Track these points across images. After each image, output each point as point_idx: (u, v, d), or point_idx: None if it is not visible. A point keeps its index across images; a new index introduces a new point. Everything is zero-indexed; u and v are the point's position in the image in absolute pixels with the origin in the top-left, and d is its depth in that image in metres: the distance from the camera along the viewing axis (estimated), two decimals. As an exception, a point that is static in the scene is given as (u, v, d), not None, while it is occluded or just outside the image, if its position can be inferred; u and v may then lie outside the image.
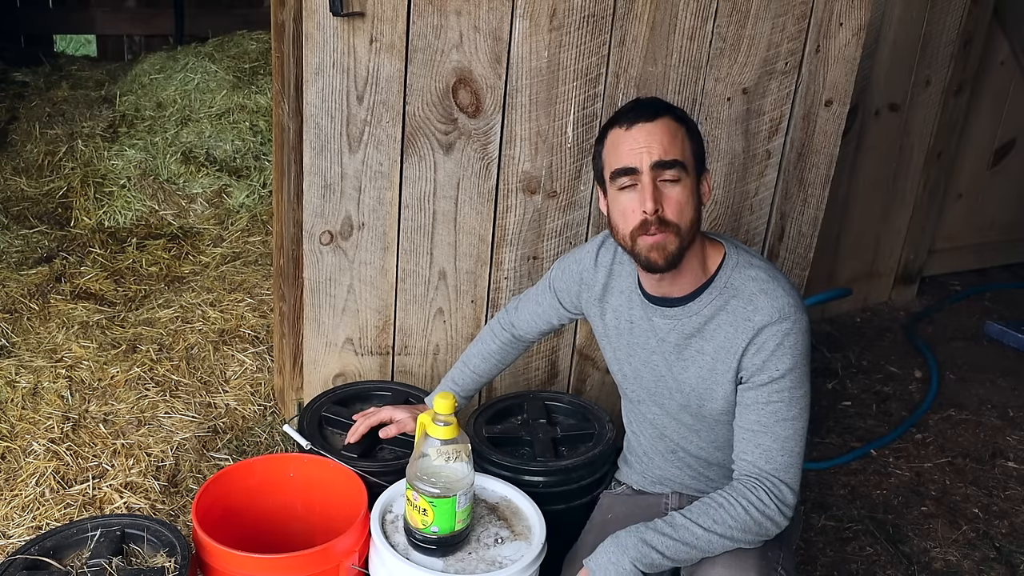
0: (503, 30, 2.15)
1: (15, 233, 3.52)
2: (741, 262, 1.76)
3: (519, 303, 2.12)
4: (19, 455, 2.36)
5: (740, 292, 1.72)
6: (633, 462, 2.03)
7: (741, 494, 1.65)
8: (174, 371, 2.71)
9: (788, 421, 1.68)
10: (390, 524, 1.82)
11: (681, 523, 1.64)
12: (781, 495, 1.66)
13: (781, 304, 1.69)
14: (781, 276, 1.76)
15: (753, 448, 1.69)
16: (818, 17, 2.40)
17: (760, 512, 1.64)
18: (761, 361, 1.69)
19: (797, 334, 1.69)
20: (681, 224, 1.67)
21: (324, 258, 2.25)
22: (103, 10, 5.72)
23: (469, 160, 2.25)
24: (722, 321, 1.73)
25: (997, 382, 3.55)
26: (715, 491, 1.69)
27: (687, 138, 1.70)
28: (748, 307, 1.71)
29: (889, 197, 3.85)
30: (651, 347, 1.83)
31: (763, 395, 1.69)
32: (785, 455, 1.68)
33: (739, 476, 1.70)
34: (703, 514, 1.64)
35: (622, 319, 1.88)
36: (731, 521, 1.63)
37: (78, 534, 1.75)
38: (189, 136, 4.03)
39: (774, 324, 1.68)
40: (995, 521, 2.77)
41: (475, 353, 2.13)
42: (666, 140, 1.67)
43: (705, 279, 1.76)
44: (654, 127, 1.67)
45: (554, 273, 2.04)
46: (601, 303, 1.92)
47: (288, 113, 2.24)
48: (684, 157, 1.68)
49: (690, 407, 1.83)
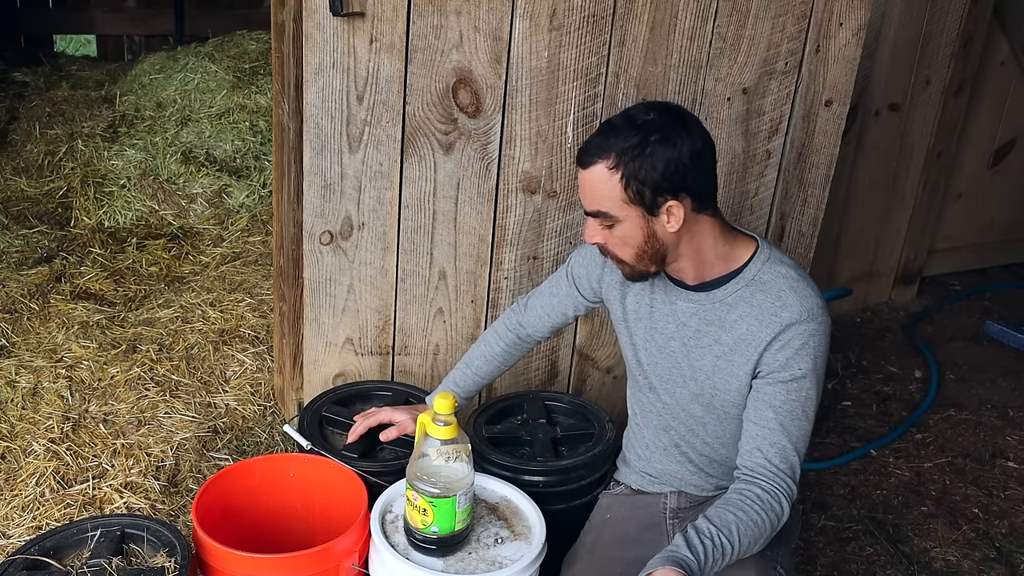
0: (503, 30, 2.15)
1: (15, 233, 3.52)
2: (773, 258, 1.76)
3: (528, 300, 2.11)
4: (19, 455, 2.36)
5: (769, 287, 1.73)
6: (632, 460, 2.03)
7: (771, 508, 1.64)
8: (174, 371, 2.71)
9: (802, 422, 1.69)
10: (390, 524, 1.82)
11: (729, 550, 1.59)
12: (792, 495, 1.68)
13: (810, 304, 1.70)
14: (809, 278, 1.76)
15: (769, 446, 1.68)
16: (818, 17, 2.40)
17: (778, 517, 1.66)
18: (785, 358, 1.69)
19: (821, 336, 1.70)
20: (625, 257, 1.73)
21: (324, 258, 2.25)
22: (103, 10, 5.72)
23: (469, 160, 2.25)
24: (745, 312, 1.73)
25: (997, 382, 3.55)
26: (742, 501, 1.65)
27: (619, 185, 1.65)
28: (776, 302, 1.71)
29: (889, 197, 3.85)
30: (670, 332, 1.83)
31: (782, 392, 1.69)
32: (796, 455, 1.69)
33: (755, 480, 1.68)
34: (743, 537, 1.60)
35: (643, 303, 1.88)
36: (762, 539, 1.64)
37: (78, 534, 1.75)
38: (189, 136, 4.03)
39: (802, 323, 1.68)
40: (995, 521, 2.77)
41: (478, 355, 2.13)
42: (590, 191, 1.69)
43: (732, 268, 1.76)
44: (585, 175, 1.69)
45: (573, 260, 2.03)
46: (623, 285, 1.91)
47: (288, 113, 2.24)
48: (611, 207, 1.67)
49: (703, 396, 1.82)
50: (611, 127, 1.69)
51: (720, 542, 1.58)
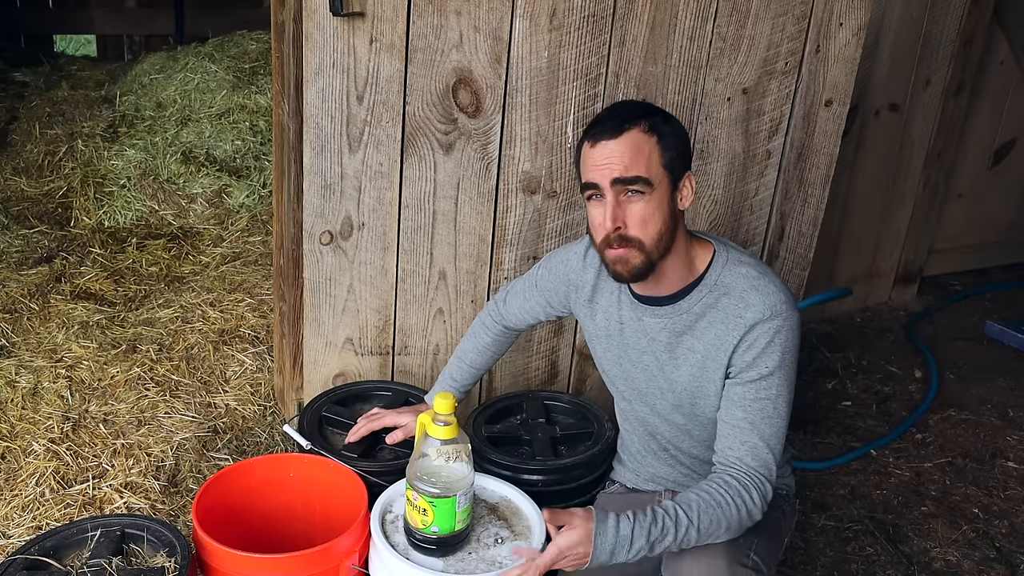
0: (503, 30, 2.15)
1: (15, 233, 3.52)
2: (731, 259, 1.76)
3: (507, 296, 2.11)
4: (19, 455, 2.36)
5: (731, 289, 1.73)
6: (627, 460, 2.04)
7: (737, 493, 1.65)
8: (174, 371, 2.71)
9: (773, 419, 1.69)
10: (390, 524, 1.82)
11: (684, 522, 1.61)
12: (766, 492, 1.68)
13: (773, 301, 1.69)
14: (771, 273, 1.76)
15: (740, 445, 1.69)
16: (818, 17, 2.40)
17: (748, 510, 1.65)
18: (751, 358, 1.69)
19: (788, 331, 1.69)
20: (645, 239, 1.68)
21: (324, 258, 2.25)
22: (103, 10, 5.72)
23: (469, 160, 2.25)
24: (713, 319, 1.73)
25: (997, 382, 3.55)
26: (708, 484, 1.67)
27: (658, 148, 1.67)
28: (740, 304, 1.71)
29: (889, 197, 3.85)
30: (642, 347, 1.84)
31: (751, 392, 1.69)
32: (769, 452, 1.69)
33: (726, 470, 1.69)
34: (703, 513, 1.62)
35: (612, 320, 1.88)
36: (725, 522, 1.63)
37: (78, 534, 1.75)
38: (189, 136, 4.03)
39: (765, 321, 1.68)
40: (995, 521, 2.77)
41: (470, 348, 2.14)
42: (628, 157, 1.66)
43: (694, 277, 1.77)
44: (616, 144, 1.66)
45: (540, 272, 2.03)
46: (591, 304, 1.92)
47: (288, 113, 2.24)
48: (650, 171, 1.66)
49: (682, 407, 1.83)
50: (623, 105, 1.76)
51: (674, 512, 1.60)
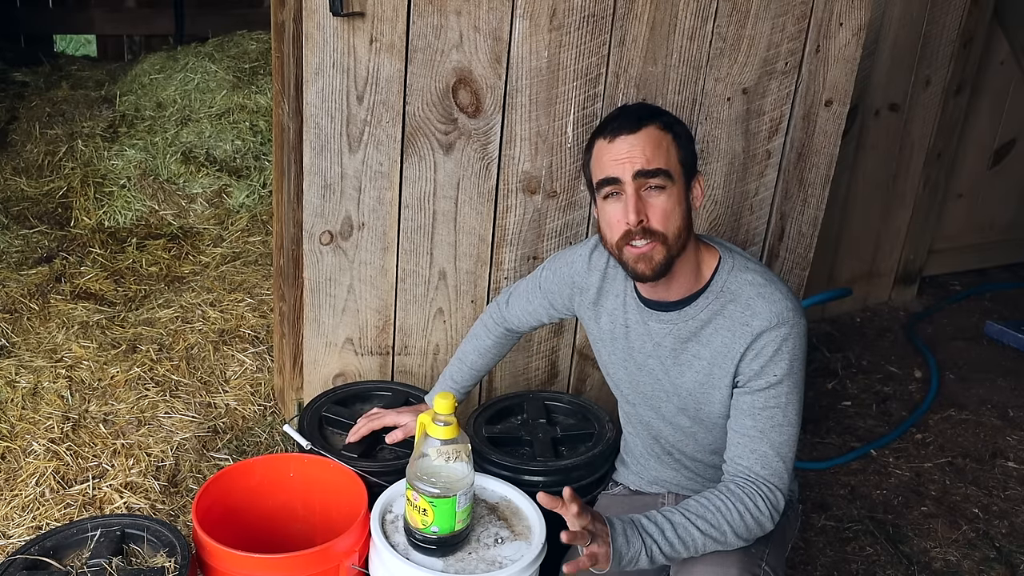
0: (503, 30, 2.15)
1: (15, 233, 3.52)
2: (737, 266, 1.75)
3: (510, 297, 2.11)
4: (19, 455, 2.36)
5: (737, 297, 1.72)
6: (630, 463, 2.04)
7: (740, 499, 1.64)
8: (174, 371, 2.71)
9: (784, 427, 1.68)
10: (390, 524, 1.82)
11: (682, 524, 1.61)
12: (776, 501, 1.66)
13: (779, 309, 1.69)
14: (778, 280, 1.75)
15: (749, 454, 1.68)
16: (818, 17, 2.40)
17: (754, 518, 1.64)
18: (759, 366, 1.68)
19: (795, 338, 1.68)
20: (667, 232, 1.67)
21: (324, 258, 2.25)
22: (103, 10, 5.72)
23: (469, 160, 2.25)
24: (719, 326, 1.73)
25: (997, 382, 3.55)
26: (712, 491, 1.67)
27: (674, 145, 1.69)
28: (746, 312, 1.70)
29: (889, 197, 3.85)
30: (647, 351, 1.83)
31: (760, 400, 1.68)
32: (780, 461, 1.67)
33: (733, 479, 1.68)
34: (703, 518, 1.62)
35: (617, 323, 1.87)
36: (727, 527, 1.62)
37: (78, 534, 1.75)
38: (189, 136, 4.03)
39: (772, 329, 1.67)
40: (995, 521, 2.77)
41: (471, 349, 2.14)
42: (649, 150, 1.66)
43: (700, 284, 1.76)
44: (636, 138, 1.66)
45: (544, 275, 2.03)
46: (596, 307, 1.91)
47: (288, 113, 2.24)
48: (669, 165, 1.67)
49: (687, 412, 1.82)
50: (635, 106, 1.80)
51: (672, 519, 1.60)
